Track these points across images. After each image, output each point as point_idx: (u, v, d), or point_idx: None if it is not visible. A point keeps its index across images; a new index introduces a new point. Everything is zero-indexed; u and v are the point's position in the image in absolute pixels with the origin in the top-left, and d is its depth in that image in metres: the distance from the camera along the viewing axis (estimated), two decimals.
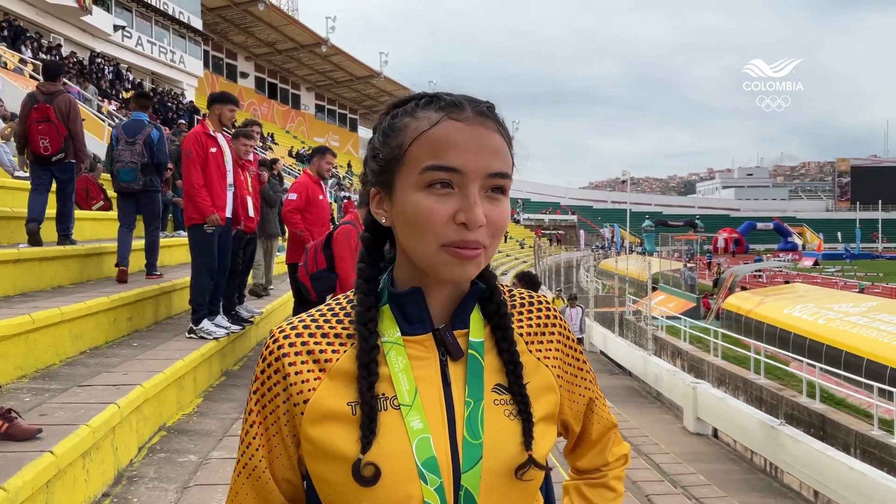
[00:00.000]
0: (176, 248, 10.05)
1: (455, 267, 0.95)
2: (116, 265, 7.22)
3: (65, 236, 7.19)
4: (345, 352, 1.00)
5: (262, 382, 1.02)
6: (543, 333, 1.09)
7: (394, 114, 1.01)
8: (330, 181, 28.16)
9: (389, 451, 0.93)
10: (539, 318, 1.10)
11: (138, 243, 7.72)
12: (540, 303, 1.12)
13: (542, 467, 0.98)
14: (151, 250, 7.66)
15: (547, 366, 1.07)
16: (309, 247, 5.60)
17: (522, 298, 1.12)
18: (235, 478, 1.05)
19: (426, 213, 0.94)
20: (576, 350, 1.13)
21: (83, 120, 7.49)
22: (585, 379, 1.15)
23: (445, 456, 0.95)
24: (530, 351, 1.06)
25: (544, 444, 1.03)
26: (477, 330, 1.03)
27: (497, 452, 0.96)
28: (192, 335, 6.26)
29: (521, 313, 1.10)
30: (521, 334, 1.07)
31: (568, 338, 1.12)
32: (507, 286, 1.14)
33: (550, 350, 1.09)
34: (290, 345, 1.00)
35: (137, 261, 8.18)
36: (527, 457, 0.97)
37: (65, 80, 21.36)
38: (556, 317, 1.12)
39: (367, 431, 0.93)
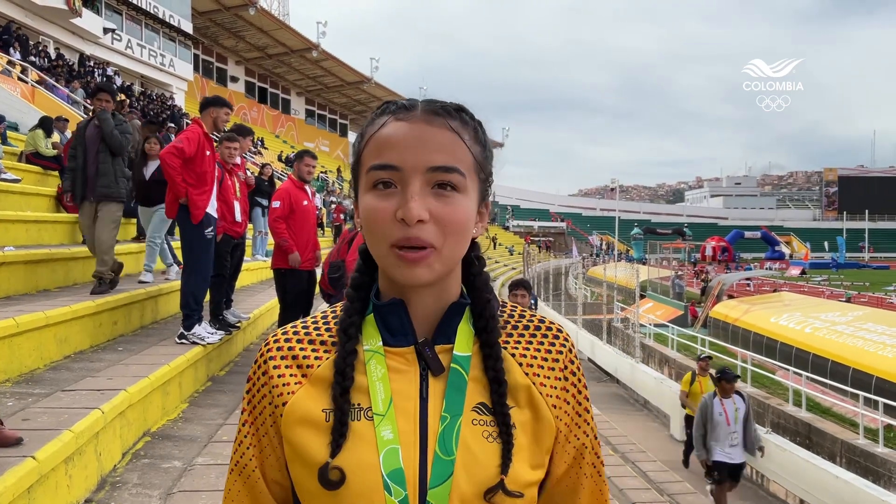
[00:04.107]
0: None
1: (403, 269, 0.94)
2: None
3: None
4: (327, 359, 1.00)
5: (252, 384, 1.04)
6: (545, 360, 1.03)
7: (363, 125, 1.04)
8: (317, 184, 28.09)
9: (357, 460, 0.93)
10: (542, 343, 1.04)
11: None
12: (549, 329, 1.06)
13: (512, 494, 0.94)
14: None
15: (541, 393, 1.01)
16: (339, 239, 5.65)
17: (531, 321, 1.07)
18: (229, 475, 1.07)
19: (372, 213, 0.95)
20: (581, 393, 1.06)
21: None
22: (587, 423, 1.06)
23: (413, 469, 0.93)
24: (526, 374, 1.01)
25: (527, 473, 0.98)
26: (464, 345, 1.00)
27: (469, 472, 0.93)
28: (184, 340, 6.20)
29: (521, 335, 1.05)
30: (513, 354, 1.02)
31: (574, 374, 1.05)
32: (518, 307, 1.09)
33: (549, 378, 1.02)
34: (278, 349, 1.03)
35: (131, 264, 8.16)
36: (499, 480, 0.93)
37: (53, 82, 21.32)
38: (565, 348, 1.05)
39: (337, 435, 0.94)
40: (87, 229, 6.94)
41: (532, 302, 15.50)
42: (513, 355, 1.03)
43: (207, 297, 6.86)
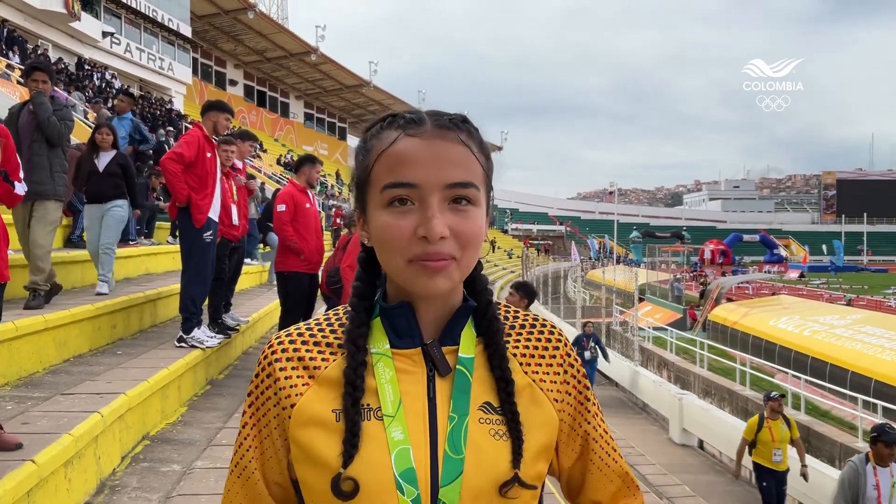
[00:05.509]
0: (162, 256, 10.03)
1: (425, 280, 0.95)
2: None
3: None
4: (334, 360, 1.01)
5: (255, 386, 1.05)
6: (543, 357, 1.07)
7: (365, 137, 1.03)
8: (317, 189, 28.11)
9: (369, 461, 0.94)
10: (539, 340, 1.08)
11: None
12: (543, 325, 1.10)
13: (527, 486, 0.97)
14: None
15: (542, 389, 1.04)
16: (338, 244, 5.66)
17: (525, 319, 1.10)
18: (229, 475, 1.08)
19: (389, 231, 0.96)
20: (581, 383, 1.09)
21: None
22: (589, 411, 1.10)
23: (424, 468, 0.95)
24: (525, 372, 1.04)
25: (536, 466, 1.01)
26: (468, 346, 1.03)
27: (479, 469, 0.96)
28: (183, 344, 6.19)
29: (519, 334, 1.08)
30: (514, 354, 1.05)
31: (572, 366, 1.08)
32: (512, 307, 1.12)
33: (549, 374, 1.06)
34: (283, 350, 1.03)
35: (134, 267, 8.15)
36: (513, 474, 0.96)
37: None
38: (561, 343, 1.09)
39: (350, 446, 0.95)
40: (21, 233, 5.93)
41: (591, 343, 13.99)
42: (514, 355, 1.05)
43: (206, 301, 6.85)
